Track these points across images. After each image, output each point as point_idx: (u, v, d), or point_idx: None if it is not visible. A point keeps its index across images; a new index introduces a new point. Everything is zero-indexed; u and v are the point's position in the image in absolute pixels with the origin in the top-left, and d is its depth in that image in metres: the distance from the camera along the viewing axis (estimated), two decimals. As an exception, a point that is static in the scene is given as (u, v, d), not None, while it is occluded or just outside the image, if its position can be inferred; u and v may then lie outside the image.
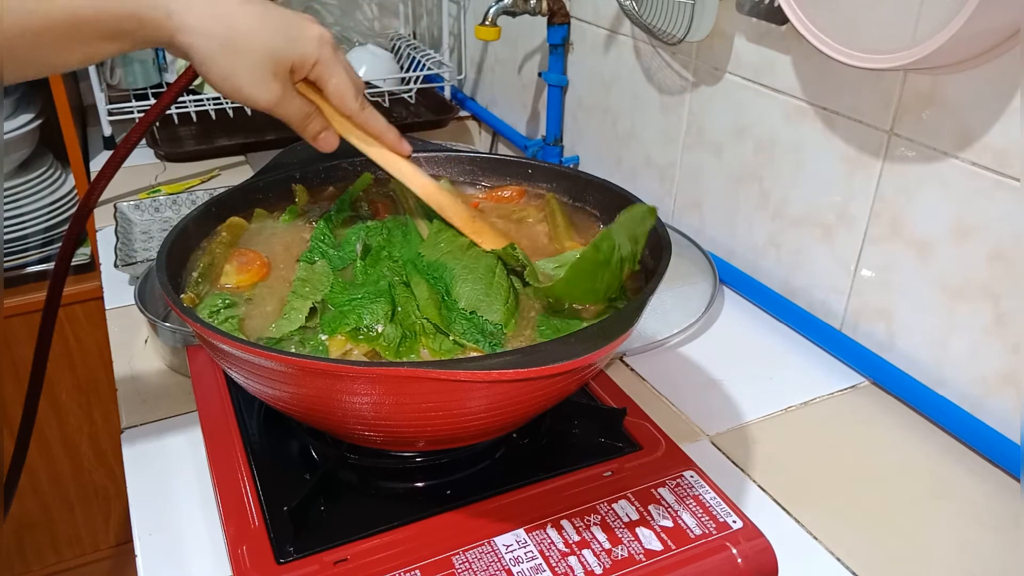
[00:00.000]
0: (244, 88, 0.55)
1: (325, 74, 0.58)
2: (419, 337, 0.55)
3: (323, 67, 0.57)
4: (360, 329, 0.55)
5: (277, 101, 0.56)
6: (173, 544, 0.59)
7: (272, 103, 0.56)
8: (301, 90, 0.59)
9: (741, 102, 0.88)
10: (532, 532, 0.53)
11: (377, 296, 0.57)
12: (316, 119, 0.60)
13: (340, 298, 0.57)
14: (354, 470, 0.58)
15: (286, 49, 0.55)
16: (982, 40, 0.61)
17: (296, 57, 0.56)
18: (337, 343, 0.54)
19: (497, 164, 0.76)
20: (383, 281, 0.59)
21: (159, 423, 0.71)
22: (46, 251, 1.33)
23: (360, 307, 0.56)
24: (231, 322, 0.56)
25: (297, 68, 0.56)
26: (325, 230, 0.65)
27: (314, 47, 0.56)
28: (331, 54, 0.57)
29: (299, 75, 0.57)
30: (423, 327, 0.55)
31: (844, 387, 0.77)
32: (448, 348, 0.54)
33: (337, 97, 0.59)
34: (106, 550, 1.55)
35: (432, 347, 0.54)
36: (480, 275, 0.59)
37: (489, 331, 0.55)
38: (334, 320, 0.56)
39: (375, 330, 0.55)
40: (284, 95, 0.56)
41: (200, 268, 0.61)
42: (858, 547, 0.60)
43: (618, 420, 0.62)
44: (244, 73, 0.54)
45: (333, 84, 0.58)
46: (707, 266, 0.93)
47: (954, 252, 0.69)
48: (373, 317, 0.55)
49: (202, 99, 1.29)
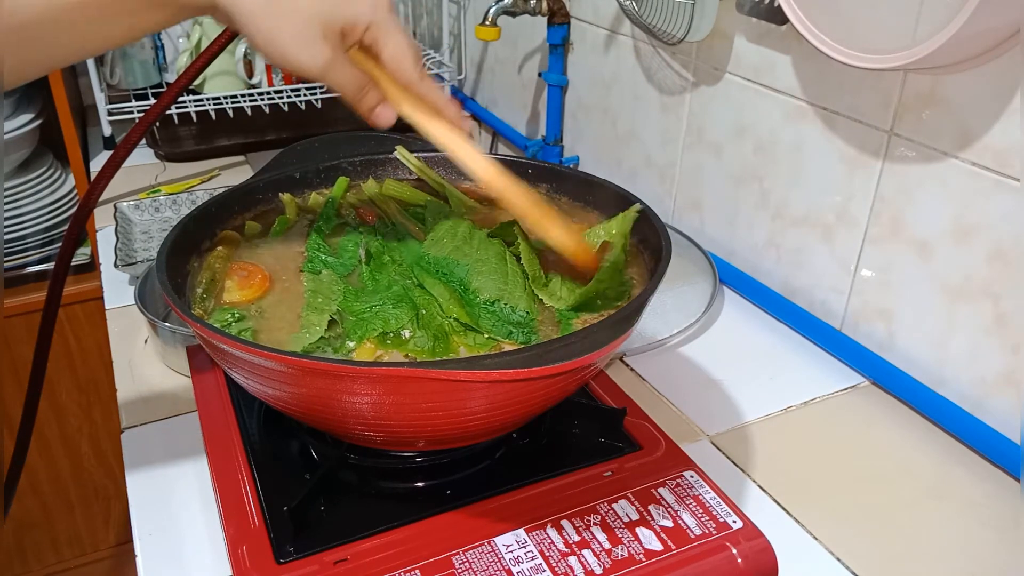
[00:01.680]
0: (289, 52, 0.49)
1: (381, 38, 0.52)
2: (451, 337, 0.55)
3: (378, 30, 0.51)
4: (388, 335, 0.55)
5: (327, 66, 0.50)
6: (173, 544, 0.59)
7: (321, 69, 0.50)
8: (354, 58, 0.53)
9: (741, 102, 0.88)
10: (532, 532, 0.53)
11: (398, 301, 0.57)
12: (371, 91, 0.54)
13: (357, 306, 0.57)
14: (354, 470, 0.58)
15: (337, 8, 0.49)
16: (982, 40, 0.61)
17: (348, 17, 0.50)
18: (366, 350, 0.54)
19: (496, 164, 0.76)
20: (396, 286, 0.59)
21: (159, 423, 0.71)
22: (46, 251, 1.33)
23: (383, 313, 0.56)
24: (244, 336, 0.56)
25: (349, 31, 0.51)
26: (318, 240, 0.65)
27: (368, 8, 0.51)
28: (387, 16, 0.51)
29: (351, 39, 0.52)
30: (452, 326, 0.55)
31: (844, 387, 0.77)
32: (483, 343, 0.55)
33: (395, 63, 0.53)
34: (106, 550, 1.56)
35: (468, 344, 0.55)
36: (494, 265, 0.59)
37: (518, 321, 0.55)
38: (358, 327, 0.55)
39: (403, 335, 0.55)
40: (335, 61, 0.50)
41: (203, 284, 0.60)
42: (858, 547, 0.60)
43: (618, 420, 0.62)
44: (289, 35, 0.49)
45: (390, 49, 0.52)
46: (707, 266, 0.93)
47: (954, 252, 0.69)
48: (398, 322, 0.55)
49: (202, 99, 1.29)
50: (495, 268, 0.58)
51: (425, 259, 0.62)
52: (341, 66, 0.51)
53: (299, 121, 1.36)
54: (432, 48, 1.50)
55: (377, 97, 0.54)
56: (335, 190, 0.72)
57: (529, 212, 0.57)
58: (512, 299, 0.57)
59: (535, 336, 0.56)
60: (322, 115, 1.39)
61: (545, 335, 0.57)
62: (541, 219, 0.57)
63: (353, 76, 0.52)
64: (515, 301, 0.57)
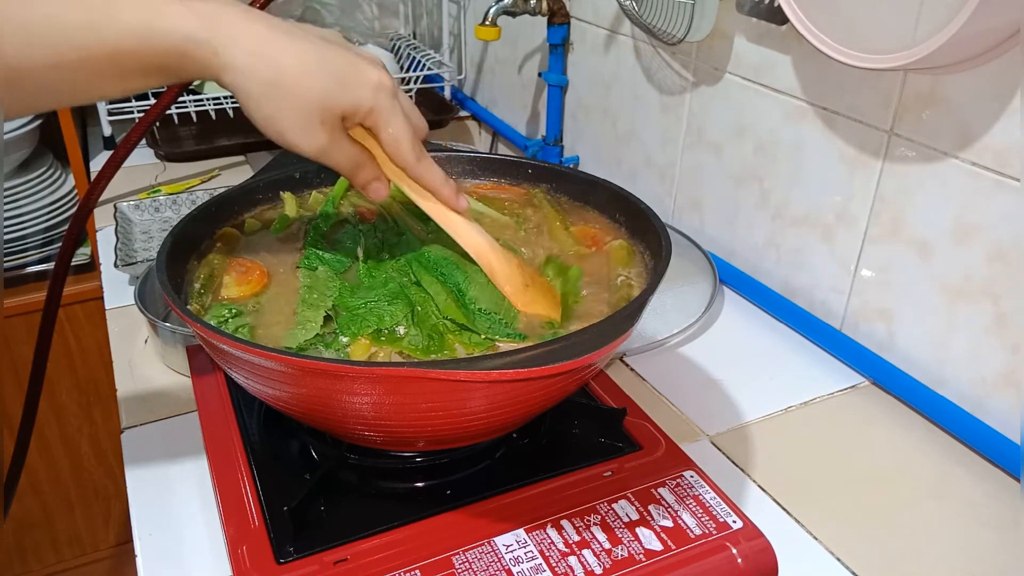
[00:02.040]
0: (287, 134, 0.51)
1: (380, 122, 0.53)
2: (445, 336, 0.55)
3: (378, 116, 0.52)
4: (382, 331, 0.55)
5: (323, 150, 0.52)
6: (173, 544, 0.59)
7: (318, 152, 0.52)
8: (354, 135, 0.54)
9: (741, 102, 0.88)
10: (532, 532, 0.53)
11: (393, 297, 0.57)
12: (367, 167, 0.55)
13: (352, 301, 0.57)
14: (354, 470, 0.58)
15: (338, 96, 0.50)
16: (982, 40, 0.61)
17: (348, 105, 0.51)
18: (361, 347, 0.54)
19: (497, 164, 0.76)
20: (392, 283, 0.59)
21: (159, 423, 0.71)
22: (46, 251, 1.33)
23: (378, 309, 0.56)
24: (241, 331, 0.56)
25: (349, 116, 0.52)
26: (316, 237, 0.65)
27: (369, 94, 0.51)
28: (388, 101, 0.52)
29: (351, 123, 0.53)
30: (447, 326, 0.56)
31: (844, 387, 0.77)
32: (479, 342, 0.55)
33: (392, 147, 0.54)
34: (106, 550, 1.56)
35: (464, 342, 0.55)
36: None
37: (512, 334, 0.56)
38: (352, 323, 0.56)
39: (397, 332, 0.55)
40: (332, 143, 0.52)
41: (201, 279, 0.60)
42: (858, 547, 0.60)
43: (618, 420, 0.62)
44: (288, 118, 0.50)
45: (388, 133, 0.53)
46: (707, 266, 0.93)
47: (954, 252, 0.69)
48: (393, 319, 0.55)
49: (202, 99, 1.29)
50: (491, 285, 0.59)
51: (425, 255, 0.62)
52: (339, 148, 0.53)
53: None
54: (432, 48, 1.50)
55: (373, 172, 0.56)
56: (336, 189, 0.73)
57: (515, 295, 0.59)
58: (508, 316, 0.57)
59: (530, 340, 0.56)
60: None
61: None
62: (526, 302, 0.58)
63: (350, 155, 0.54)
64: (511, 319, 0.57)
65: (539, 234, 0.69)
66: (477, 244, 0.59)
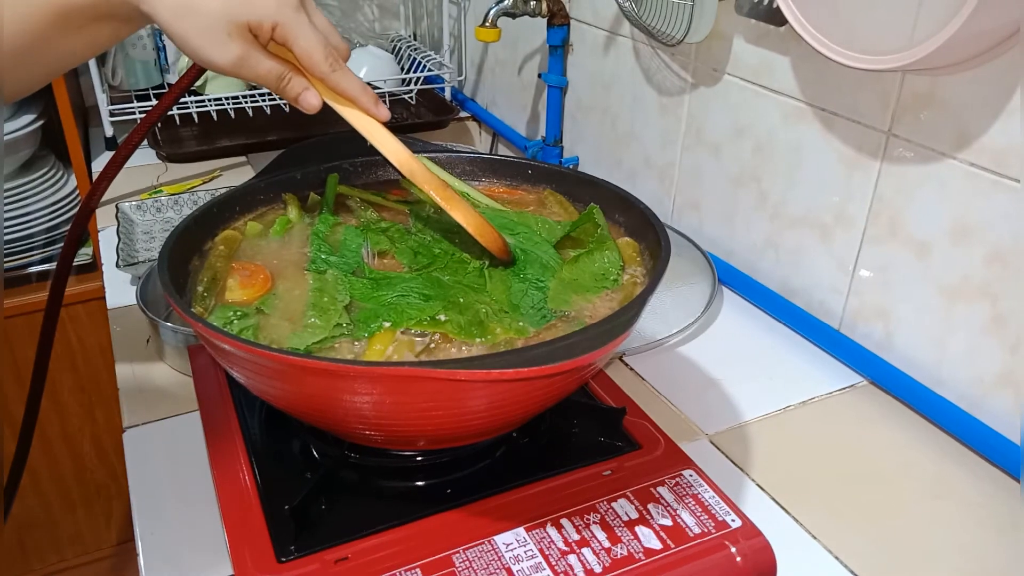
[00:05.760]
0: (201, 50, 0.55)
1: (290, 36, 0.56)
2: (486, 324, 0.56)
3: (286, 29, 0.56)
4: (423, 320, 0.56)
5: (236, 62, 0.56)
6: (175, 543, 0.59)
7: (232, 64, 0.56)
8: (275, 51, 0.58)
9: (740, 103, 0.89)
10: (532, 531, 0.53)
11: (428, 288, 0.59)
12: (294, 80, 0.59)
13: (381, 295, 0.59)
14: (355, 469, 0.59)
15: (239, 9, 0.54)
16: (981, 41, 0.61)
17: (252, 17, 0.55)
18: (384, 336, 0.55)
19: (497, 165, 0.76)
20: (417, 279, 0.61)
21: (161, 422, 0.71)
22: (48, 251, 1.33)
23: (413, 301, 0.58)
24: (246, 333, 0.56)
25: (255, 29, 0.55)
26: (319, 240, 0.66)
27: (272, 9, 0.55)
28: (292, 15, 0.56)
29: (263, 37, 0.56)
30: (487, 312, 0.57)
31: (842, 387, 0.77)
32: (518, 329, 0.56)
33: (306, 59, 0.58)
34: (108, 549, 1.56)
35: (503, 326, 0.56)
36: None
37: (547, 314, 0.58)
38: (382, 316, 0.56)
39: (439, 318, 0.56)
40: (245, 56, 0.56)
41: (204, 282, 0.60)
42: (856, 546, 0.60)
43: (618, 419, 0.62)
44: (199, 35, 0.54)
45: (300, 46, 0.57)
46: (706, 266, 0.93)
47: (952, 252, 0.69)
48: (433, 309, 0.57)
49: (204, 100, 1.30)
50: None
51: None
52: (255, 62, 0.56)
53: (300, 121, 1.36)
54: (432, 49, 1.50)
55: (301, 84, 0.59)
56: (328, 189, 0.73)
57: (437, 193, 0.62)
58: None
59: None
60: (323, 116, 1.39)
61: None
62: (447, 200, 0.62)
63: (270, 69, 0.57)
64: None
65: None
66: (397, 150, 0.62)
